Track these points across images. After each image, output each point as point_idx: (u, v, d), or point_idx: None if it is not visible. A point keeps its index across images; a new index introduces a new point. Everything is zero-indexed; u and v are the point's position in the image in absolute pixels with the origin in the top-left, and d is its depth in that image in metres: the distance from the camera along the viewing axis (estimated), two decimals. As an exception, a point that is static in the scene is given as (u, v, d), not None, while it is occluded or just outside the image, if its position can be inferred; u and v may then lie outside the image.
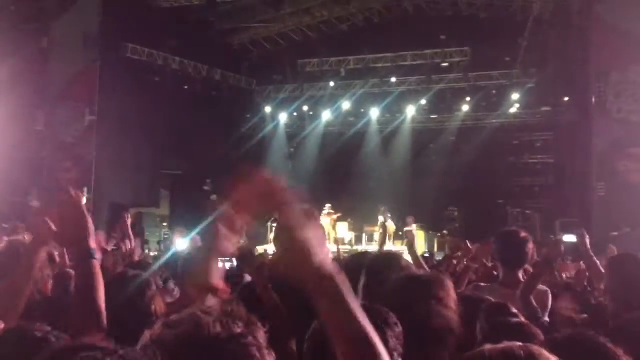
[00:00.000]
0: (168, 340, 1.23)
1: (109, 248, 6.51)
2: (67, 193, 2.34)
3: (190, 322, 1.26)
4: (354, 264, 3.08)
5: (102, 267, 4.04)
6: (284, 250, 1.38)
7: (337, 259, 8.40)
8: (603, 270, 3.97)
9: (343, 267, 3.96)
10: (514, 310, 2.94)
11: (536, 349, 1.39)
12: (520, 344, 1.41)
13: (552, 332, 3.58)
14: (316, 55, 23.36)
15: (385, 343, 1.91)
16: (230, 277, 5.55)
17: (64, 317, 2.47)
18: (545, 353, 1.38)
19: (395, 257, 3.04)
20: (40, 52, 20.67)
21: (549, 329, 3.75)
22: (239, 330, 1.27)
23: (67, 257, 5.04)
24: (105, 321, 2.28)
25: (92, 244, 2.32)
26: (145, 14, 20.06)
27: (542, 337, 2.42)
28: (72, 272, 3.75)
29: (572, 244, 6.53)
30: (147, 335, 1.28)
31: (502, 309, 2.92)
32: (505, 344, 1.42)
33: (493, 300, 3.53)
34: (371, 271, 2.78)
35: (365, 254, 3.69)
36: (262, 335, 1.30)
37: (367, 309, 1.41)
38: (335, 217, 20.88)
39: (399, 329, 1.99)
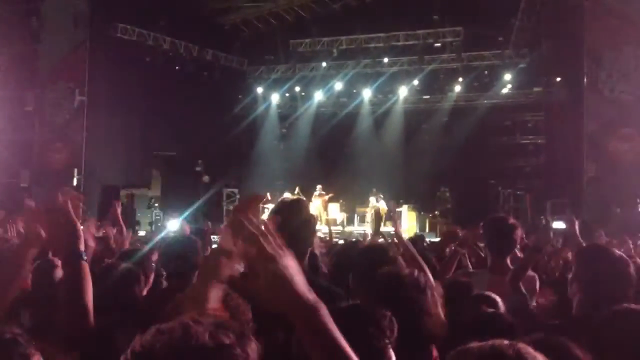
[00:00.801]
0: (156, 348, 1.23)
1: (100, 234, 6.46)
2: (55, 200, 2.33)
3: (180, 330, 1.25)
4: (344, 256, 3.07)
5: (92, 256, 4.02)
6: (263, 282, 1.35)
7: (329, 243, 8.41)
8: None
9: (334, 258, 3.95)
10: (498, 301, 2.95)
11: (523, 347, 1.38)
12: (508, 342, 1.40)
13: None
14: (308, 35, 23.20)
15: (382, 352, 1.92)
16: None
17: (48, 309, 2.46)
18: (532, 351, 1.37)
19: (382, 251, 3.03)
20: (29, 33, 20.45)
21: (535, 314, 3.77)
22: (227, 342, 1.25)
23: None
24: (92, 320, 2.30)
25: (81, 246, 2.34)
26: (135, -7, 19.83)
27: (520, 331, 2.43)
28: (55, 260, 3.72)
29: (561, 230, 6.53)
30: (137, 339, 1.27)
31: (486, 300, 2.92)
32: (492, 342, 1.41)
33: (480, 288, 3.54)
34: (359, 266, 2.77)
35: (354, 245, 3.68)
36: (253, 348, 1.29)
37: (361, 313, 1.40)
38: (326, 197, 20.90)
39: (394, 331, 1.98)
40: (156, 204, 21.27)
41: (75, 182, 19.73)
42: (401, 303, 2.21)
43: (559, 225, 8.30)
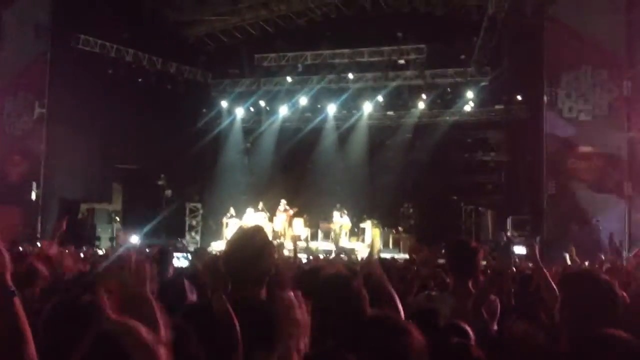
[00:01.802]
0: None
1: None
2: None
3: None
4: (306, 284, 3.03)
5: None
6: None
7: (294, 260, 8.36)
8: (553, 283, 4.00)
9: (296, 284, 3.92)
10: (468, 331, 2.95)
11: None
12: None
13: (500, 342, 3.62)
14: (273, 50, 23.21)
15: None
16: (189, 276, 5.45)
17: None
18: None
19: (345, 283, 2.98)
20: (-12, 42, 20.07)
21: (498, 339, 3.78)
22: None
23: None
24: None
25: (9, 280, 1.93)
26: (98, 4, 19.63)
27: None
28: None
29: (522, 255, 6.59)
30: None
31: (457, 330, 2.92)
32: None
33: (443, 312, 3.54)
34: (321, 300, 2.73)
35: (316, 272, 3.64)
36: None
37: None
38: (291, 213, 20.84)
39: None
40: (117, 218, 20.95)
41: (33, 196, 19.32)
42: (368, 348, 2.17)
43: (520, 250, 8.41)
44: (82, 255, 10.37)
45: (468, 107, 22.87)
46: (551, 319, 3.88)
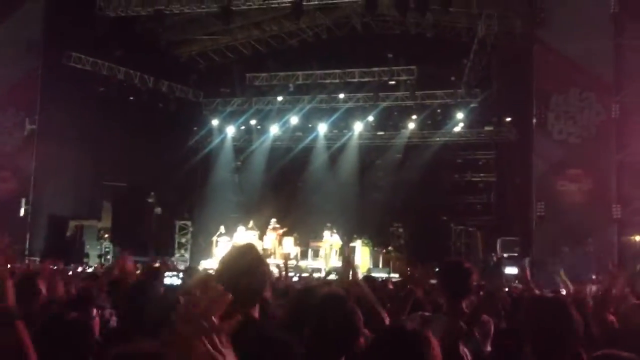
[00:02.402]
0: None
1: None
2: None
3: None
4: (301, 304, 3.04)
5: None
6: None
7: (285, 279, 8.35)
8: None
9: (290, 304, 3.91)
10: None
11: None
12: None
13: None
14: (265, 70, 23.31)
15: None
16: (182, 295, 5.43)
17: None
18: None
19: (340, 302, 2.99)
20: (-21, 58, 20.02)
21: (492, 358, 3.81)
22: None
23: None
24: None
25: (13, 305, 1.99)
26: (90, 22, 19.65)
27: None
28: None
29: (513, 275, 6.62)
30: None
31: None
32: None
33: (437, 333, 3.55)
34: (318, 319, 2.74)
35: (312, 292, 3.65)
36: None
37: None
38: (281, 232, 20.79)
39: None
40: (106, 236, 20.83)
41: (22, 213, 19.19)
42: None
43: (511, 270, 8.45)
44: (70, 272, 10.32)
45: (458, 128, 23.03)
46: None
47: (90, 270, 13.27)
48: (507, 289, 7.72)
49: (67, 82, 19.51)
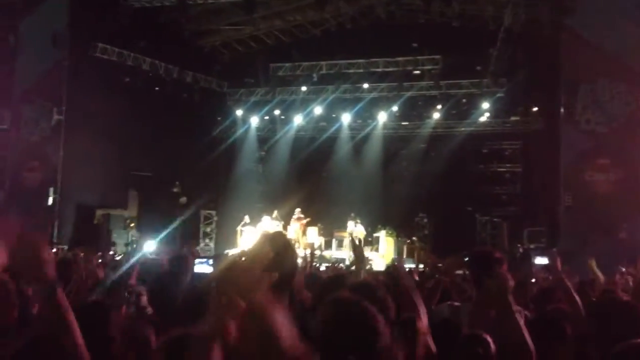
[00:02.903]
0: None
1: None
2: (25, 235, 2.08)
3: None
4: (330, 293, 3.01)
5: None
6: (253, 338, 1.35)
7: (310, 266, 8.37)
8: (575, 295, 3.97)
9: (319, 292, 3.90)
10: (490, 342, 2.93)
11: None
12: None
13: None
14: (288, 60, 23.27)
15: None
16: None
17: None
18: None
19: (372, 291, 2.96)
20: (7, 50, 20.28)
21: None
22: None
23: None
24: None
25: (52, 272, 2.06)
26: (116, 13, 19.77)
27: None
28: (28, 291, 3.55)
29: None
30: None
31: (478, 341, 2.91)
32: None
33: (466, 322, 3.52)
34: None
35: (341, 280, 3.63)
36: None
37: None
38: (304, 221, 20.84)
39: None
40: (132, 225, 21.04)
41: (50, 202, 19.46)
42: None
43: (541, 260, 8.34)
44: (99, 260, 10.44)
45: (483, 118, 22.82)
46: (576, 331, 3.85)
47: (119, 258, 13.40)
48: (533, 280, 7.66)
49: (93, 73, 19.68)
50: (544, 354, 3.10)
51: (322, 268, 10.66)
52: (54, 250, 15.08)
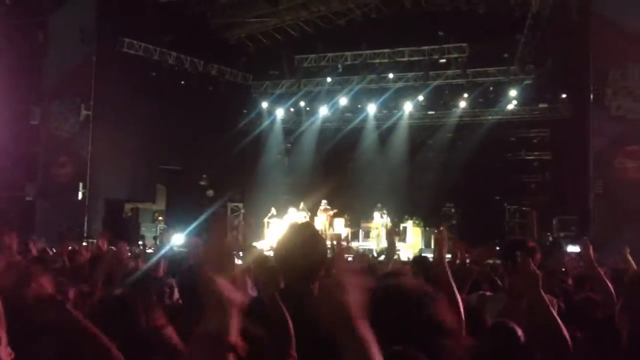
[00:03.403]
0: None
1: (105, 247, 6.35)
2: None
3: None
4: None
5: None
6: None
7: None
8: (609, 282, 3.91)
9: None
10: (517, 330, 2.90)
11: None
12: None
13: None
14: (313, 51, 23.22)
15: None
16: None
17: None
18: None
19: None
20: (36, 47, 20.58)
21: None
22: None
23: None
24: None
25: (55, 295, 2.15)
26: (141, 8, 19.95)
27: None
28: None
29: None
30: None
31: (505, 329, 2.88)
32: None
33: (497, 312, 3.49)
34: (378, 299, 2.69)
35: (371, 270, 3.61)
36: None
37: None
38: (331, 213, 20.82)
39: None
40: (160, 218, 21.26)
41: (80, 196, 19.74)
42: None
43: (573, 248, 8.24)
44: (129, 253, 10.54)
45: (511, 106, 22.54)
46: (608, 318, 3.80)
47: (149, 251, 13.51)
48: (563, 269, 7.56)
49: (121, 68, 19.90)
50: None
51: (350, 259, 10.64)
52: (85, 244, 15.27)
